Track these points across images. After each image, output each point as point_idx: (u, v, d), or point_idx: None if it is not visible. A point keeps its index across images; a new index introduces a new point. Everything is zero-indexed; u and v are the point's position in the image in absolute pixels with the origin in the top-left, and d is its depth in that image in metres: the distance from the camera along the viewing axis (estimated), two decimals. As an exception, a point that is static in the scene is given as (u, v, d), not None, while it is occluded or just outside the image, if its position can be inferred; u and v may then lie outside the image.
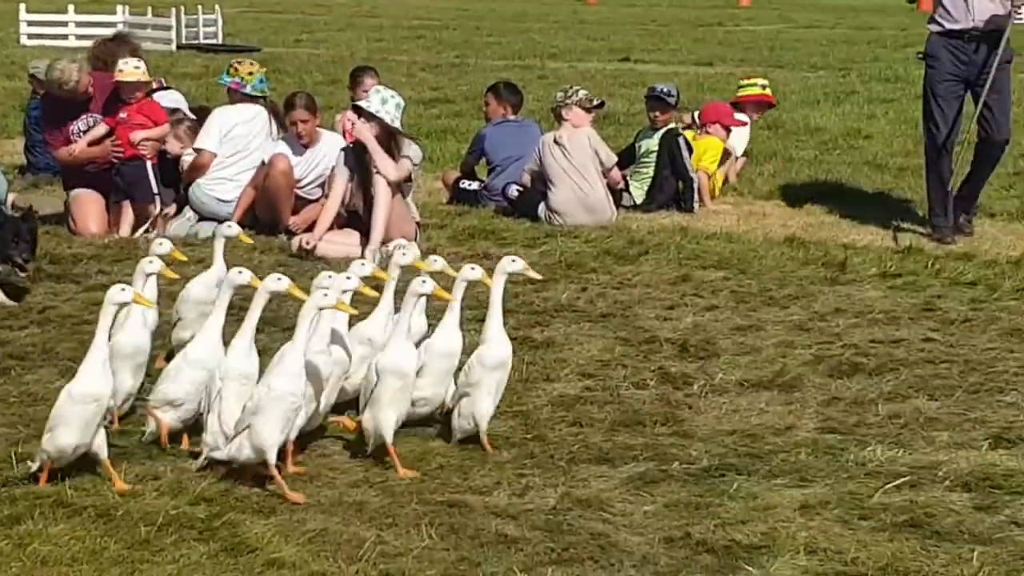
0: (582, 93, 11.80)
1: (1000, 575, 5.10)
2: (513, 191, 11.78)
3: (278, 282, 6.07)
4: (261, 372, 6.00)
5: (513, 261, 6.45)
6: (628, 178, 12.16)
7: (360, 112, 10.35)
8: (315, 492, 5.80)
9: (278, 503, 5.63)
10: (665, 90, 12.51)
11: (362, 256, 9.91)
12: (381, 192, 10.13)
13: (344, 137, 11.17)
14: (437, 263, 6.74)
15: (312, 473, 6.01)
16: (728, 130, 12.99)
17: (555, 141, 11.52)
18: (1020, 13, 10.86)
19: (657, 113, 12.38)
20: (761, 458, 6.22)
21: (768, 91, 13.71)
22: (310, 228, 10.45)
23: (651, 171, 12.19)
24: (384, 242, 10.11)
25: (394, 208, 10.21)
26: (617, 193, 11.87)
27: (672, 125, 12.36)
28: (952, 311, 8.72)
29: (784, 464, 6.14)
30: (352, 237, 10.31)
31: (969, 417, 6.78)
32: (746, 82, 14.01)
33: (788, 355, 7.78)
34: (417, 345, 6.37)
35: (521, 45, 30.59)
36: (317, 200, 10.87)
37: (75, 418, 5.69)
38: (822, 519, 5.58)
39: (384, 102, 10.24)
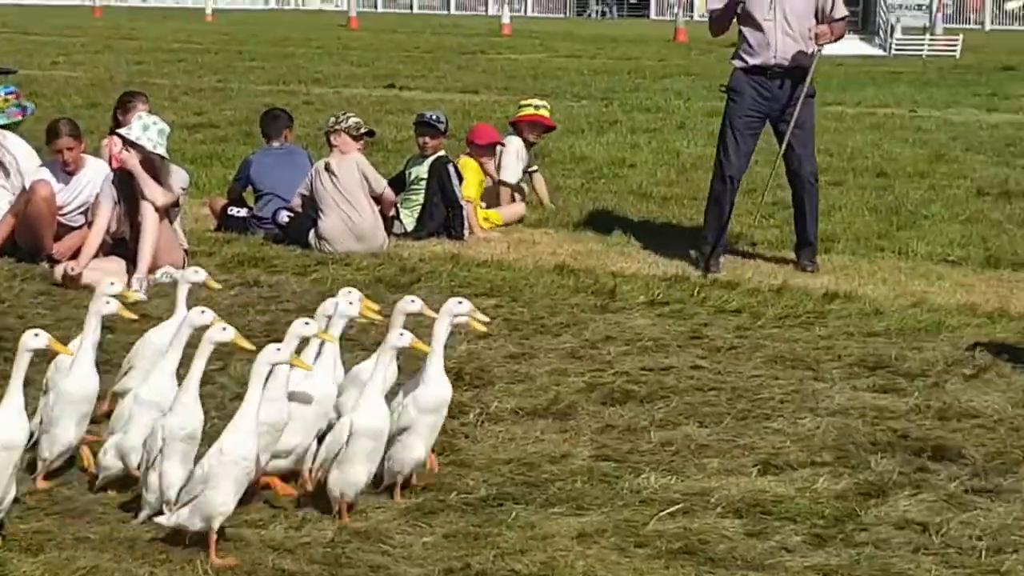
0: (352, 120, 11.75)
1: (772, 600, 5.22)
2: (283, 217, 11.66)
3: (223, 332, 5.75)
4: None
5: (460, 303, 6.24)
6: (399, 205, 12.14)
7: (123, 139, 10.18)
8: (85, 528, 5.64)
9: (46, 540, 5.45)
10: (434, 116, 12.53)
11: (128, 284, 9.73)
12: (148, 219, 9.95)
13: (110, 163, 10.94)
14: (415, 304, 6.39)
15: (82, 508, 5.84)
16: (491, 151, 12.97)
17: (325, 168, 11.46)
18: (822, 50, 11.08)
19: (427, 139, 12.37)
20: (538, 487, 6.25)
21: (543, 112, 13.69)
22: (74, 256, 10.20)
23: (421, 198, 12.18)
24: (151, 270, 9.94)
25: (161, 235, 10.05)
26: (388, 220, 11.84)
27: (442, 152, 12.38)
28: (718, 339, 8.89)
29: (561, 492, 6.19)
30: (118, 264, 10.10)
31: (738, 443, 6.92)
32: (524, 103, 14.08)
33: (562, 383, 7.84)
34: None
35: (285, 70, 30.35)
36: (80, 227, 10.62)
37: None
38: (599, 547, 5.64)
39: (145, 128, 10.09)
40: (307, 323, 6.03)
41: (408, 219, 12.18)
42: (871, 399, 7.69)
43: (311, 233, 11.40)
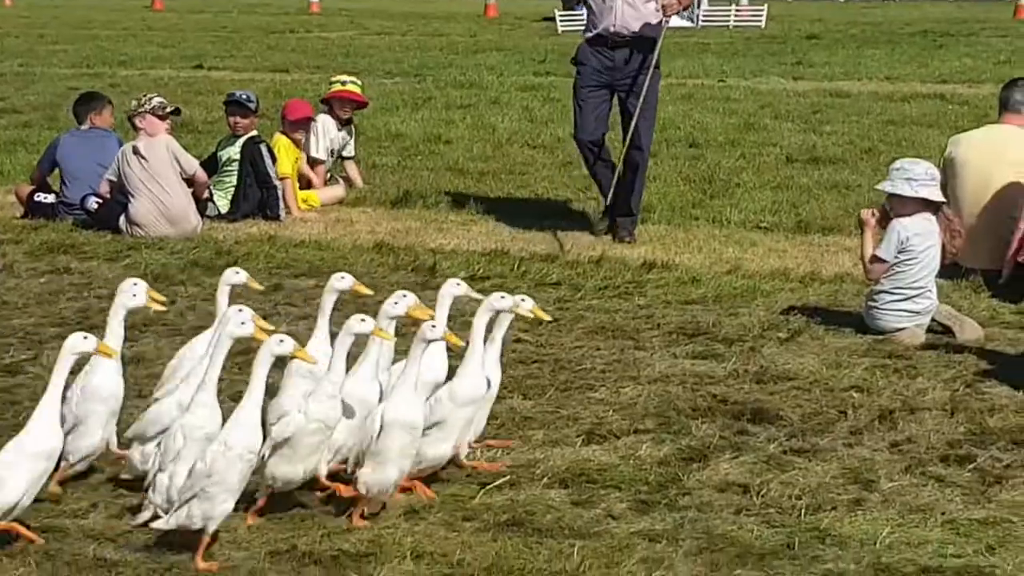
0: (156, 100, 11.55)
1: (600, 567, 5.25)
2: (92, 203, 11.42)
3: (241, 326, 5.50)
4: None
5: (503, 298, 6.13)
6: (212, 187, 11.96)
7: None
8: None
9: None
10: (244, 96, 12.37)
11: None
12: (-49, 207, 9.68)
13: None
14: (460, 287, 6.31)
15: None
16: (304, 126, 12.81)
17: (134, 151, 11.24)
18: (668, 22, 11.22)
19: (238, 119, 12.21)
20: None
21: (351, 87, 13.54)
22: None
23: (234, 179, 12.02)
24: (-44, 259, 9.68)
25: (-34, 223, 9.78)
26: (201, 203, 11.66)
27: (254, 132, 12.22)
28: (540, 311, 8.91)
29: (387, 470, 6.16)
30: (-80, 255, 9.82)
31: (562, 414, 6.96)
32: (334, 79, 13.96)
33: (384, 361, 7.78)
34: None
35: (89, 52, 29.71)
36: None
37: (25, 474, 5.16)
38: (427, 523, 5.64)
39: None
40: (363, 319, 5.82)
41: (222, 201, 12.01)
42: (690, 365, 7.79)
43: (122, 218, 11.18)
